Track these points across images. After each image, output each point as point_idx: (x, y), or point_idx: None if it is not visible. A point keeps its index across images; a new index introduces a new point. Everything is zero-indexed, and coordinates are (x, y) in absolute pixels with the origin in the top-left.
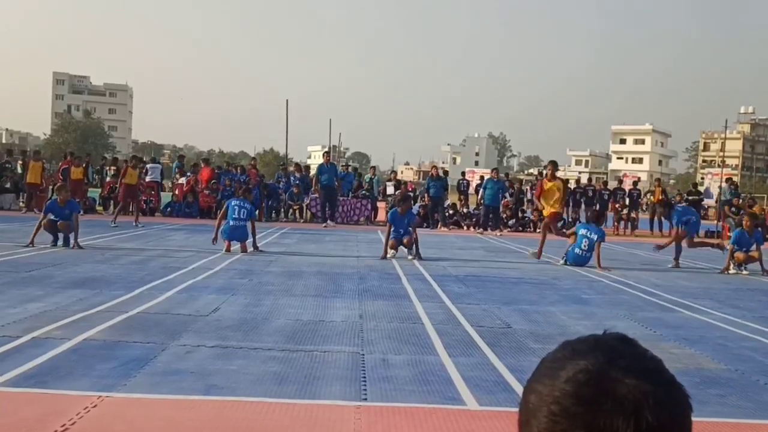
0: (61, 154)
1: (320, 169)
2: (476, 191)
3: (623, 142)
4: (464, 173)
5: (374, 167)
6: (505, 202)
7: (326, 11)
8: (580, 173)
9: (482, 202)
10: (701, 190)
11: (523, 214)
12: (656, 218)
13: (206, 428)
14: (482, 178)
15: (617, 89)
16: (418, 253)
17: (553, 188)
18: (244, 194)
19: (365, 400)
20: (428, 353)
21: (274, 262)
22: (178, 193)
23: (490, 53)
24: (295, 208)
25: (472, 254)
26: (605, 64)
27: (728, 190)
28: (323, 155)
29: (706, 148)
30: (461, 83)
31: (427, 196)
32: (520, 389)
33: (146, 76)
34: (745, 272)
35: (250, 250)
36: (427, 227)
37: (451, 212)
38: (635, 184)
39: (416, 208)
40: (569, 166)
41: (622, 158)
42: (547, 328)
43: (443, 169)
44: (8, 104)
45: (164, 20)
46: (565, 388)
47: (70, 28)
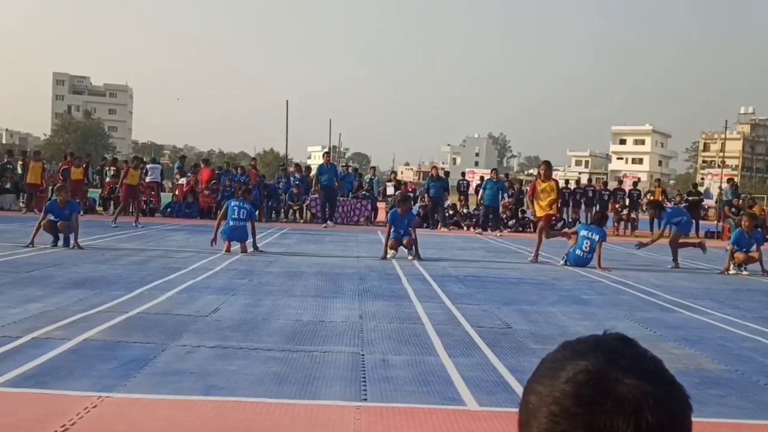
0: (61, 154)
1: (320, 169)
2: (476, 191)
3: (623, 142)
4: (464, 173)
5: (374, 167)
6: (504, 202)
7: (326, 11)
8: (580, 174)
9: (482, 202)
10: (701, 190)
11: (522, 214)
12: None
13: (206, 428)
14: (482, 178)
15: (617, 89)
16: (417, 253)
17: (546, 189)
18: (243, 195)
19: (365, 400)
20: (428, 354)
21: (274, 262)
22: (178, 193)
23: (490, 53)
24: (295, 208)
25: (472, 255)
26: (605, 64)
27: (729, 190)
28: (323, 156)
29: (706, 148)
30: (461, 83)
31: (427, 196)
32: (520, 390)
33: (146, 76)
34: (745, 273)
35: (250, 250)
36: (427, 228)
37: (451, 213)
38: (635, 184)
39: (416, 208)
40: (569, 166)
41: (622, 159)
42: (547, 328)
43: (443, 169)
44: (8, 105)
45: (164, 20)
46: (565, 388)
47: (70, 28)
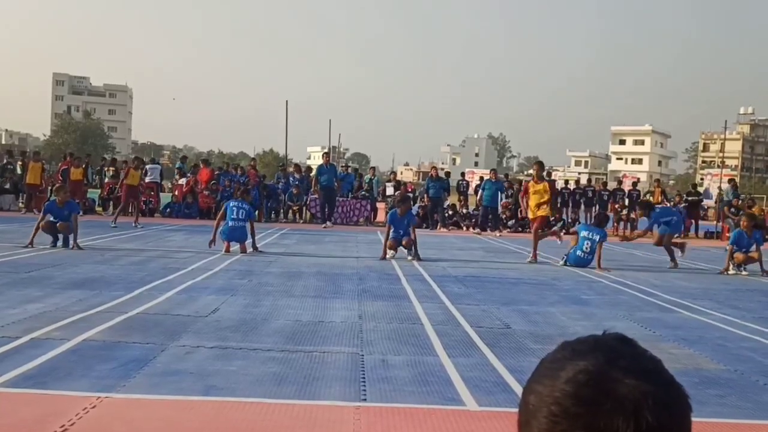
0: (60, 154)
1: (320, 169)
2: (475, 192)
3: (623, 142)
4: (464, 174)
5: (374, 168)
6: (504, 203)
7: (326, 12)
8: (579, 174)
9: (481, 203)
10: (700, 191)
11: (522, 214)
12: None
13: (206, 429)
14: (482, 178)
15: (617, 90)
16: (417, 254)
17: (540, 191)
18: (242, 195)
19: (365, 400)
20: (428, 354)
21: (273, 262)
22: (177, 193)
23: (490, 53)
24: (294, 209)
25: (471, 255)
26: (605, 64)
27: (731, 191)
28: (323, 156)
29: (705, 148)
30: (461, 83)
31: (426, 196)
32: (519, 390)
33: (146, 76)
34: (744, 273)
35: (249, 250)
36: (426, 228)
37: (450, 213)
38: (635, 184)
39: (415, 209)
40: (569, 166)
41: (621, 159)
42: (546, 328)
43: (443, 170)
44: (8, 105)
45: (164, 20)
46: (565, 388)
47: (69, 28)
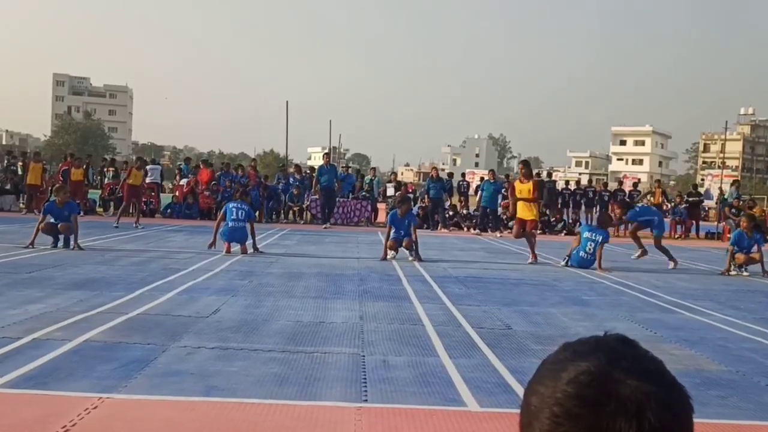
0: (61, 155)
1: (320, 170)
2: (476, 192)
3: (623, 143)
4: (464, 174)
5: (374, 168)
6: (504, 203)
7: (326, 12)
8: (580, 175)
9: (480, 203)
10: (701, 191)
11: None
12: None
13: (206, 429)
14: (482, 179)
15: (617, 90)
16: (418, 254)
17: (524, 191)
18: (241, 197)
19: (366, 401)
20: (429, 354)
21: (274, 263)
22: (178, 194)
23: (490, 54)
24: (294, 209)
25: (472, 255)
26: (605, 65)
27: (735, 192)
28: (323, 156)
29: (706, 149)
30: (461, 83)
31: (426, 197)
32: (520, 391)
33: (146, 76)
34: (745, 273)
35: (250, 251)
36: (427, 229)
37: (451, 214)
38: (635, 185)
39: (415, 209)
40: (569, 167)
41: (622, 159)
42: (547, 329)
43: (443, 170)
44: (8, 105)
45: (164, 20)
46: (567, 389)
47: (70, 29)
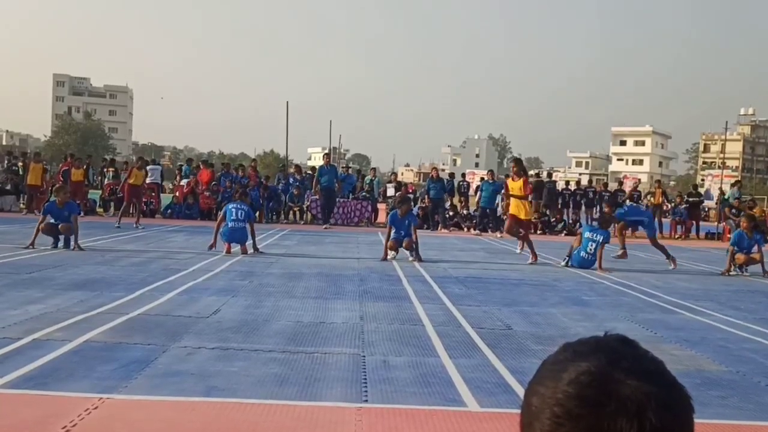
0: (61, 155)
1: (320, 170)
2: (476, 193)
3: (623, 143)
4: (464, 174)
5: (374, 169)
6: (504, 203)
7: (327, 12)
8: (580, 175)
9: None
10: (701, 191)
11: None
12: (656, 219)
13: (207, 430)
14: (482, 179)
15: (617, 90)
16: (418, 255)
17: (515, 188)
18: (240, 197)
19: (366, 401)
20: (429, 355)
21: (274, 263)
22: (178, 194)
23: (490, 54)
24: (295, 209)
25: (472, 256)
26: (605, 64)
27: (736, 192)
28: (323, 157)
29: (706, 149)
30: (461, 84)
31: (427, 197)
32: (521, 391)
33: (146, 77)
34: (746, 274)
35: (250, 251)
36: (427, 229)
37: (451, 214)
38: (635, 185)
39: (415, 209)
40: (569, 167)
41: (622, 160)
42: (547, 329)
43: (443, 170)
44: (9, 106)
45: (164, 20)
46: (567, 390)
47: (70, 29)
